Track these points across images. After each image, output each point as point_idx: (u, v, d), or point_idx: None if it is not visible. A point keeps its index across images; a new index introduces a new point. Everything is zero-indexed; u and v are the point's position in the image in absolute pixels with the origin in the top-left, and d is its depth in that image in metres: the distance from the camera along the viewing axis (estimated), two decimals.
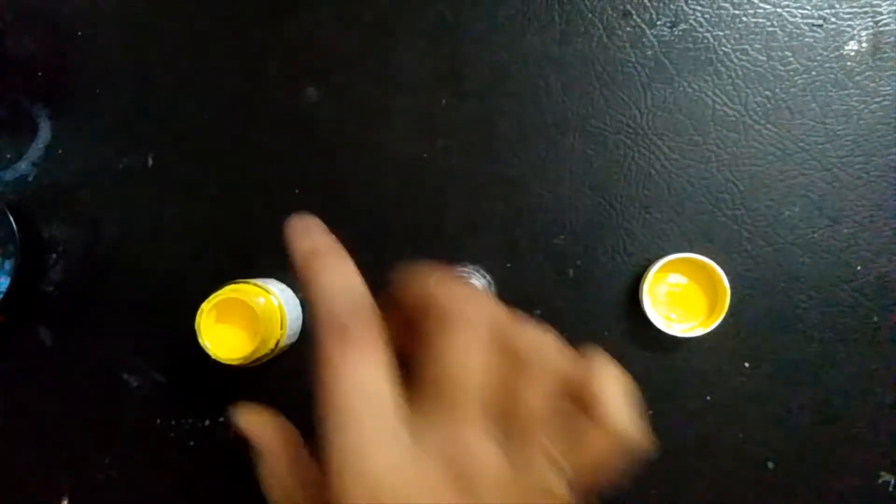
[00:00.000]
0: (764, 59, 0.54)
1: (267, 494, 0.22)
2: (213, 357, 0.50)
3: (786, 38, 0.54)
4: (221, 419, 0.58)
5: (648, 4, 0.55)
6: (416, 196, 0.56)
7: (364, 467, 0.18)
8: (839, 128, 0.54)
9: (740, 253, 0.54)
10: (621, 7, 0.55)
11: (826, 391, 0.54)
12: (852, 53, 0.53)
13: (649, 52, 0.54)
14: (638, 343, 0.55)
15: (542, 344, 0.22)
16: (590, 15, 0.55)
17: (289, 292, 0.55)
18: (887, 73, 0.53)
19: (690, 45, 0.54)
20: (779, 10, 0.54)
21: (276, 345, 0.51)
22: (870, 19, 0.53)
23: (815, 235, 0.54)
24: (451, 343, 0.21)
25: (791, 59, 0.54)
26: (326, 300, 0.22)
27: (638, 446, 0.22)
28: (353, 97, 0.57)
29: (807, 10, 0.54)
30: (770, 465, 0.55)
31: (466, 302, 0.22)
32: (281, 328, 0.51)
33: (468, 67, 0.56)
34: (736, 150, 0.54)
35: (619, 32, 0.55)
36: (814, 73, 0.54)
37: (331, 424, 0.19)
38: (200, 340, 0.50)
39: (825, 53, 0.54)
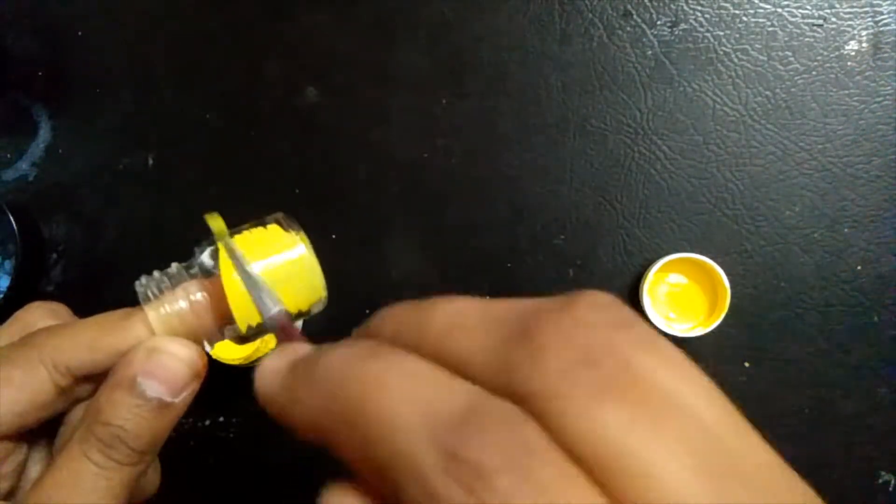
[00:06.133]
0: (764, 59, 0.54)
1: None
2: (214, 357, 0.50)
3: (786, 38, 0.54)
4: (221, 419, 0.58)
5: (649, 4, 0.55)
6: (416, 196, 0.56)
7: None
8: (839, 128, 0.54)
9: (740, 253, 0.54)
10: (621, 7, 0.55)
11: (826, 391, 0.54)
12: (852, 53, 0.53)
13: (649, 52, 0.54)
14: None
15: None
16: (590, 15, 0.55)
17: None
18: (887, 73, 0.53)
19: (690, 45, 0.54)
20: (779, 10, 0.54)
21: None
22: (870, 19, 0.53)
23: (815, 235, 0.54)
24: None
25: (791, 59, 0.54)
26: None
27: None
28: (353, 97, 0.57)
29: (807, 10, 0.54)
30: None
31: None
32: None
33: (468, 67, 0.56)
34: (736, 150, 0.54)
35: (620, 32, 0.55)
36: (814, 73, 0.54)
37: None
38: None
39: (825, 53, 0.54)
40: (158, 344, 0.22)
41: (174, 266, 0.24)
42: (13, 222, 0.54)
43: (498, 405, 0.12)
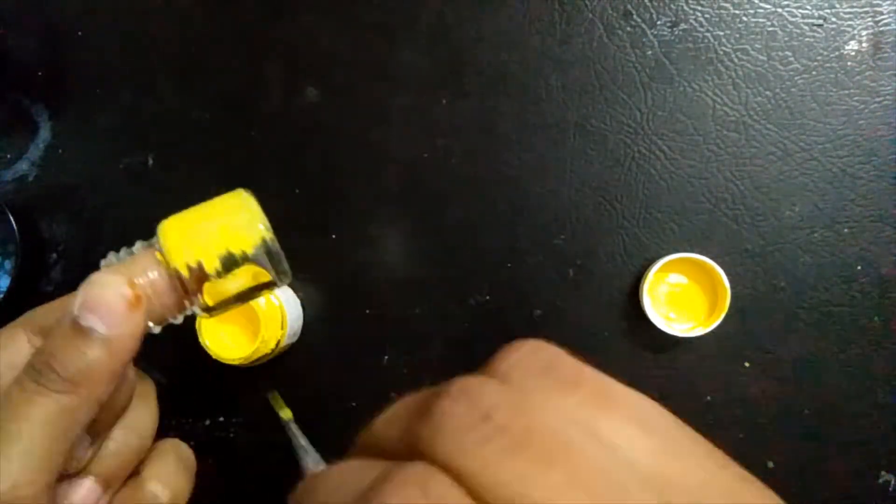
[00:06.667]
0: (764, 58, 0.54)
1: None
2: (214, 357, 0.50)
3: (786, 38, 0.54)
4: (221, 419, 0.58)
5: (649, 4, 0.55)
6: (416, 196, 0.56)
7: None
8: (839, 128, 0.54)
9: (740, 253, 0.54)
10: (621, 7, 0.55)
11: (826, 391, 0.54)
12: (852, 53, 0.53)
13: (649, 52, 0.54)
14: (638, 343, 0.55)
15: None
16: (590, 15, 0.55)
17: (289, 292, 0.55)
18: (887, 73, 0.53)
19: (691, 45, 0.54)
20: (779, 9, 0.54)
21: (277, 345, 0.51)
22: (870, 19, 0.53)
23: (815, 235, 0.54)
24: None
25: (791, 58, 0.54)
26: None
27: None
28: (353, 97, 0.57)
29: (807, 9, 0.54)
30: (770, 465, 0.55)
31: None
32: (282, 328, 0.51)
33: (468, 67, 0.56)
34: (736, 150, 0.54)
35: (620, 32, 0.55)
36: (814, 72, 0.54)
37: None
38: (201, 340, 0.50)
39: (825, 53, 0.54)
40: (93, 278, 0.23)
41: (137, 244, 0.26)
42: (13, 222, 0.54)
43: (408, 465, 0.14)
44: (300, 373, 0.57)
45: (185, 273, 0.24)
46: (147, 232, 0.27)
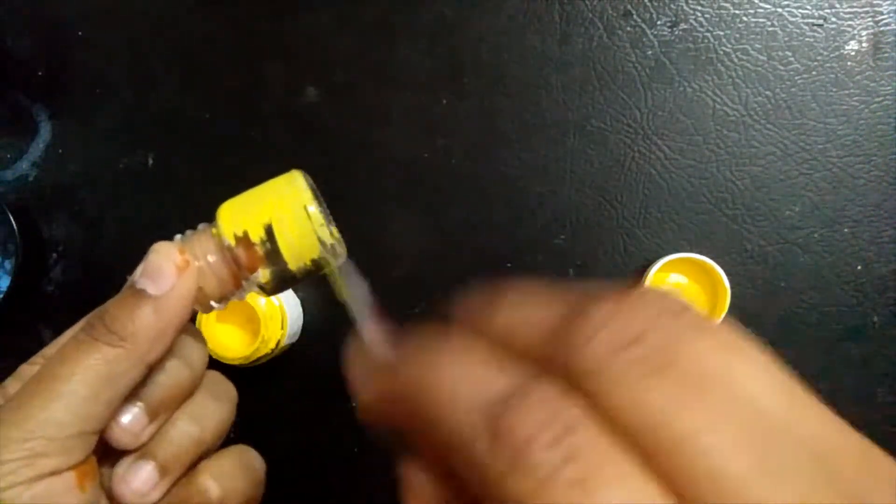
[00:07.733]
0: (764, 58, 0.54)
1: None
2: (214, 357, 0.50)
3: (786, 38, 0.54)
4: None
5: (649, 4, 0.55)
6: (416, 196, 0.56)
7: None
8: (839, 128, 0.54)
9: (740, 253, 0.54)
10: (621, 7, 0.55)
11: (826, 391, 0.54)
12: (852, 53, 0.53)
13: (649, 52, 0.54)
14: None
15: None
16: (590, 15, 0.55)
17: (289, 292, 0.55)
18: (887, 73, 0.53)
19: (691, 45, 0.54)
20: (779, 9, 0.54)
21: (277, 345, 0.51)
22: (870, 19, 0.53)
23: (815, 235, 0.54)
24: None
25: (791, 58, 0.54)
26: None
27: None
28: (353, 97, 0.57)
29: (807, 9, 0.54)
30: None
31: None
32: (282, 328, 0.51)
33: (468, 67, 0.56)
34: (736, 150, 0.54)
35: (620, 32, 0.55)
36: (814, 72, 0.54)
37: None
38: None
39: (825, 53, 0.54)
40: (151, 247, 0.25)
41: (201, 226, 0.27)
42: (13, 222, 0.54)
43: (543, 384, 0.13)
44: (300, 373, 0.57)
45: (232, 242, 0.25)
46: (147, 232, 0.28)
